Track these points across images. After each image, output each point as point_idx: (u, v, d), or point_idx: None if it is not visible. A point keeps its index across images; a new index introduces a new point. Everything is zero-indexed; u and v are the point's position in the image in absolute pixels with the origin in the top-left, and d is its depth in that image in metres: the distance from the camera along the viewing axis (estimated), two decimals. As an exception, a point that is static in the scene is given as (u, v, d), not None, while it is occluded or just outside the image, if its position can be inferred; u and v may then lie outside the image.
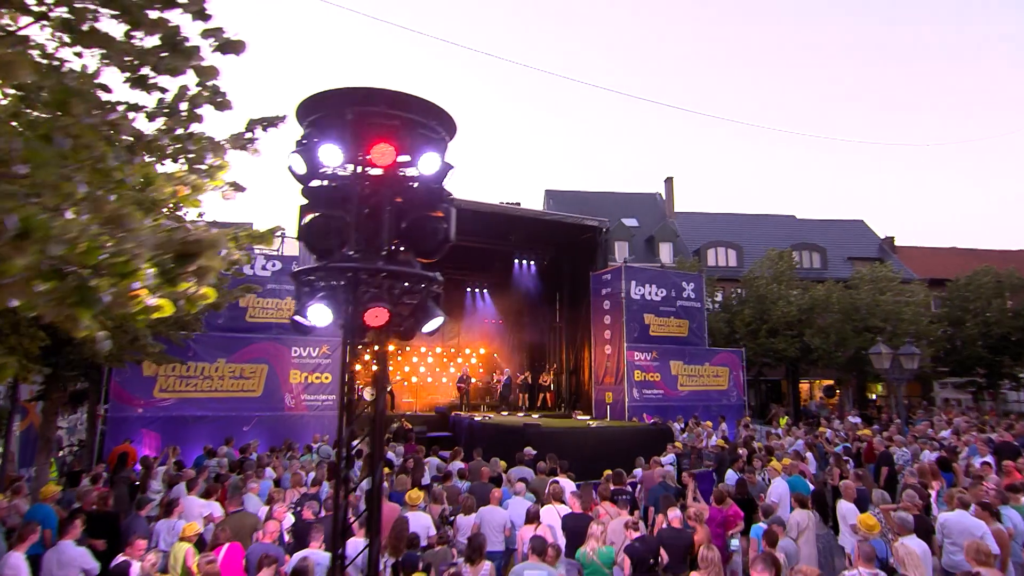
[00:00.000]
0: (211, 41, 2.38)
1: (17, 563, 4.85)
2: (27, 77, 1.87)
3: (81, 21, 2.06)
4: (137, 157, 2.13)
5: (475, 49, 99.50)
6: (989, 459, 9.48)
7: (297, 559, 5.31)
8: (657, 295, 18.90)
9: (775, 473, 8.35)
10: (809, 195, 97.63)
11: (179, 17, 2.35)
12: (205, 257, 1.81)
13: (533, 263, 21.10)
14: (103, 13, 2.08)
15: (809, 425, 19.74)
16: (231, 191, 3.19)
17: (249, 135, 3.21)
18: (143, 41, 2.28)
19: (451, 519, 7.54)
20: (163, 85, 2.47)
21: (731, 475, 9.43)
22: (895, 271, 28.83)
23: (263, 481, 8.02)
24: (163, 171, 2.42)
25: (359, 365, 16.58)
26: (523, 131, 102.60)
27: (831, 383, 32.41)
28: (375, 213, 3.82)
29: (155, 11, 2.25)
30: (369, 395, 15.30)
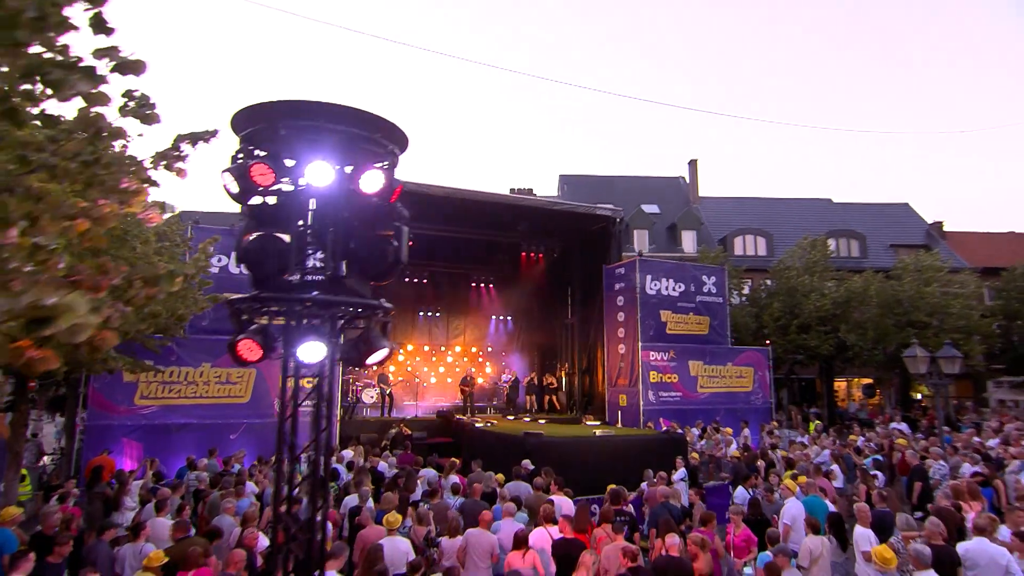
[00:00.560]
0: (106, 61, 2.30)
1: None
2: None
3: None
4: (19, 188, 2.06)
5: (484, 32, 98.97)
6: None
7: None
8: (675, 290, 18.68)
9: (788, 492, 8.18)
10: (848, 176, 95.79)
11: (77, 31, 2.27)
12: (63, 319, 1.75)
13: (542, 256, 20.96)
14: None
15: (841, 431, 19.45)
16: (155, 213, 3.12)
17: (176, 153, 3.13)
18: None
19: (437, 541, 7.52)
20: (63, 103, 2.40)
21: (740, 493, 9.27)
22: (943, 259, 28.09)
23: (241, 500, 8.06)
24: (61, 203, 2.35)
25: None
26: (536, 113, 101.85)
27: (870, 382, 31.89)
28: (319, 234, 3.75)
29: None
30: (368, 397, 15.46)
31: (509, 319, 23.87)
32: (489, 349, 23.53)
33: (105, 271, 2.23)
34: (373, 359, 4.16)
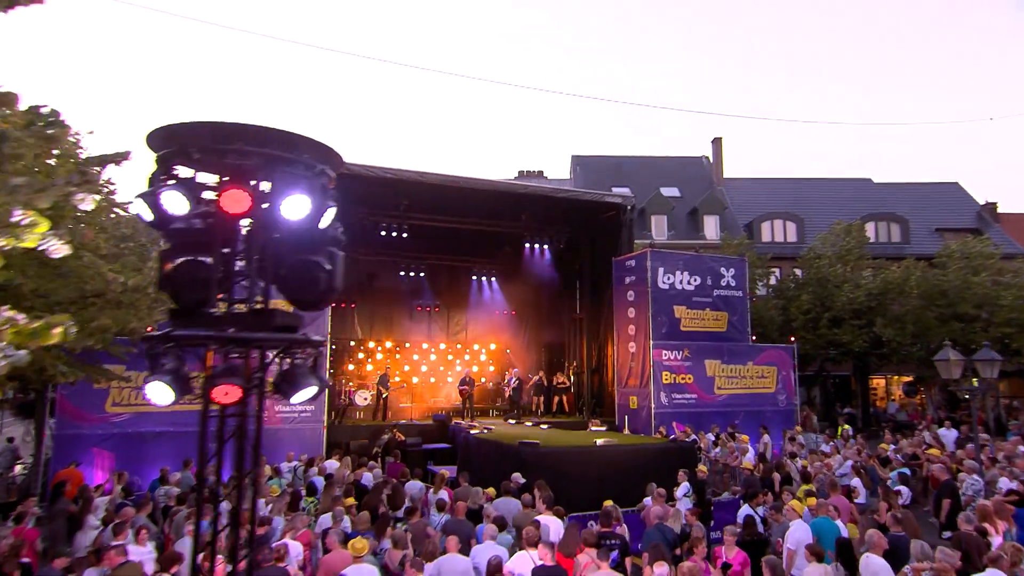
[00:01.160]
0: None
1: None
2: None
3: None
4: None
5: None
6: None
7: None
8: (690, 283, 18.54)
9: (793, 514, 8.12)
10: (891, 153, 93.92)
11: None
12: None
13: (547, 247, 20.89)
14: None
15: (872, 436, 19.25)
16: (57, 247, 3.13)
17: (82, 176, 3.13)
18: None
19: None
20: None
21: (744, 512, 9.21)
22: (995, 244, 27.42)
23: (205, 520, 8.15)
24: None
25: (351, 364, 16.77)
26: (548, 88, 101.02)
27: (911, 380, 31.45)
28: (245, 261, 3.76)
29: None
30: (361, 399, 15.52)
31: (514, 314, 23.88)
32: (492, 346, 23.57)
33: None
34: (297, 398, 4.17)
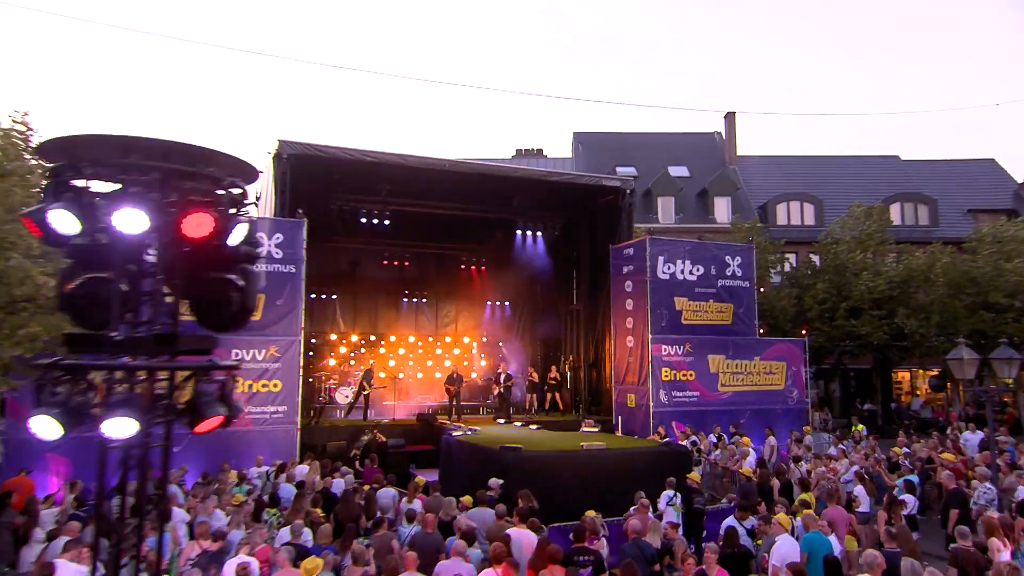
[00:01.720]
0: None
1: None
2: None
3: None
4: None
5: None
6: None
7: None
8: (692, 273, 18.49)
9: (780, 528, 8.16)
10: (922, 128, 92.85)
11: None
12: None
13: (541, 234, 20.88)
14: None
15: (892, 435, 19.21)
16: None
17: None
18: None
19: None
20: None
21: (728, 524, 9.26)
22: (1031, 227, 27.07)
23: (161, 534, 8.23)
24: None
25: (332, 359, 16.87)
26: (548, 60, 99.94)
27: (937, 373, 31.35)
28: (149, 281, 3.77)
29: None
30: (342, 397, 15.69)
31: (507, 305, 23.92)
32: (484, 339, 23.65)
33: None
34: (202, 428, 4.20)
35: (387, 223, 19.00)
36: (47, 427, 3.84)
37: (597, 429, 16.58)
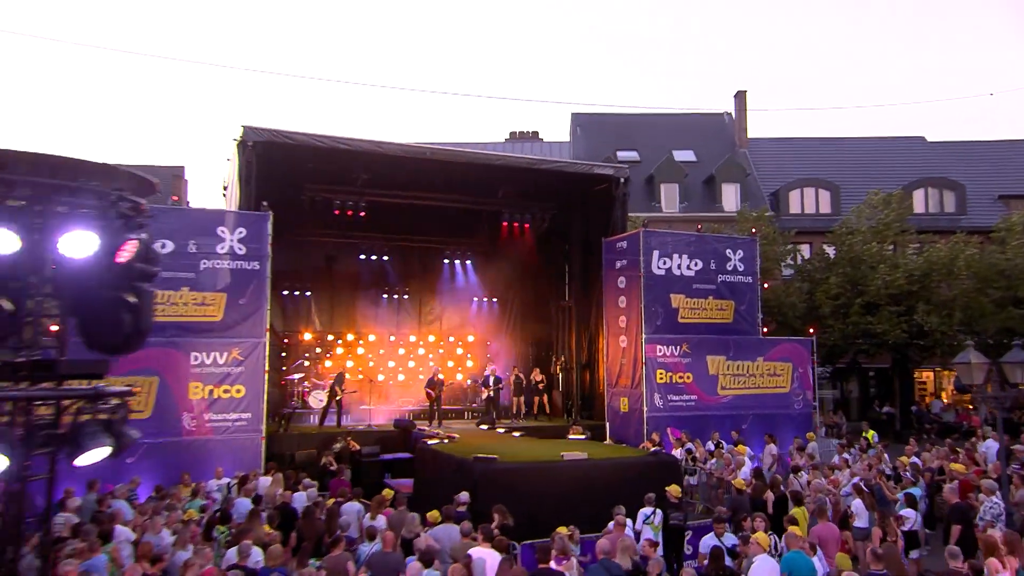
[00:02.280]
0: None
1: None
2: None
3: None
4: None
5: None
6: None
7: None
8: (690, 268, 18.45)
9: (757, 547, 8.16)
10: (950, 109, 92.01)
11: None
12: None
13: (528, 225, 20.84)
14: None
15: (897, 442, 19.14)
16: None
17: None
18: None
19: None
20: None
21: (707, 542, 9.29)
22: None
23: (95, 557, 8.24)
24: None
25: (307, 360, 16.90)
26: (544, 38, 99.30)
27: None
28: (31, 302, 3.78)
29: None
30: (316, 401, 15.71)
31: (495, 302, 23.93)
32: (471, 339, 23.68)
33: None
34: (81, 462, 4.20)
35: (363, 215, 18.97)
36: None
37: (584, 437, 16.60)
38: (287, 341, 21.59)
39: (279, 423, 17.28)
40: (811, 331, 21.05)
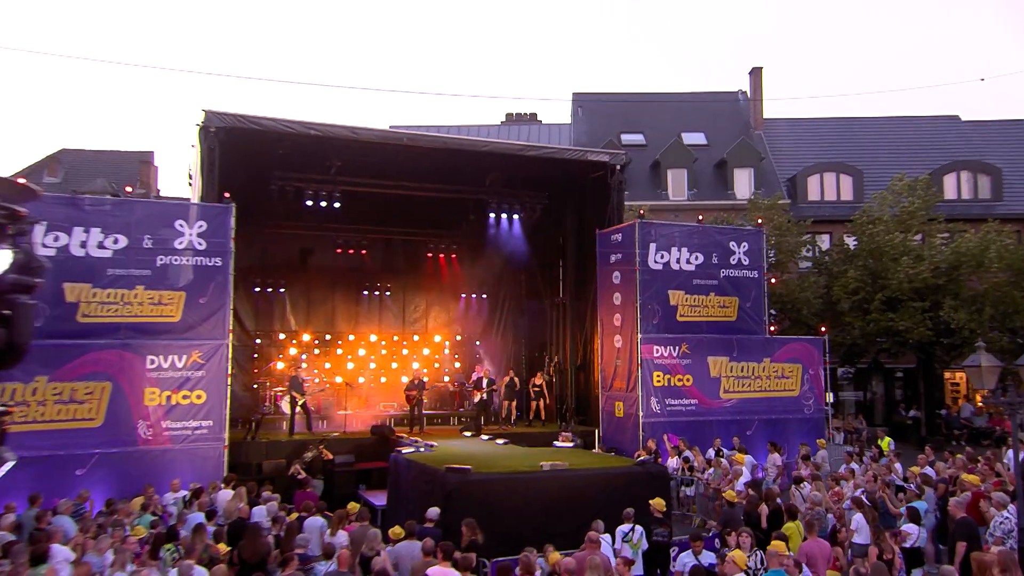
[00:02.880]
0: None
1: None
2: None
3: None
4: None
5: None
6: None
7: None
8: (690, 262, 18.45)
9: (734, 567, 8.19)
10: (988, 86, 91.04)
11: None
12: None
13: (516, 216, 20.86)
14: None
15: (936, 446, 18.88)
16: None
17: None
18: None
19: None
20: None
21: (684, 559, 9.33)
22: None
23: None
24: None
25: (281, 362, 16.97)
26: (546, 10, 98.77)
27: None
28: None
29: None
30: (287, 405, 15.74)
31: (484, 298, 23.98)
32: (458, 338, 23.75)
33: None
34: None
35: (337, 206, 19.01)
36: None
37: (572, 444, 16.65)
38: (259, 341, 21.71)
39: (247, 430, 17.38)
40: (823, 330, 21.00)
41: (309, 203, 18.81)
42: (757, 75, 36.25)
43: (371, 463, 17.08)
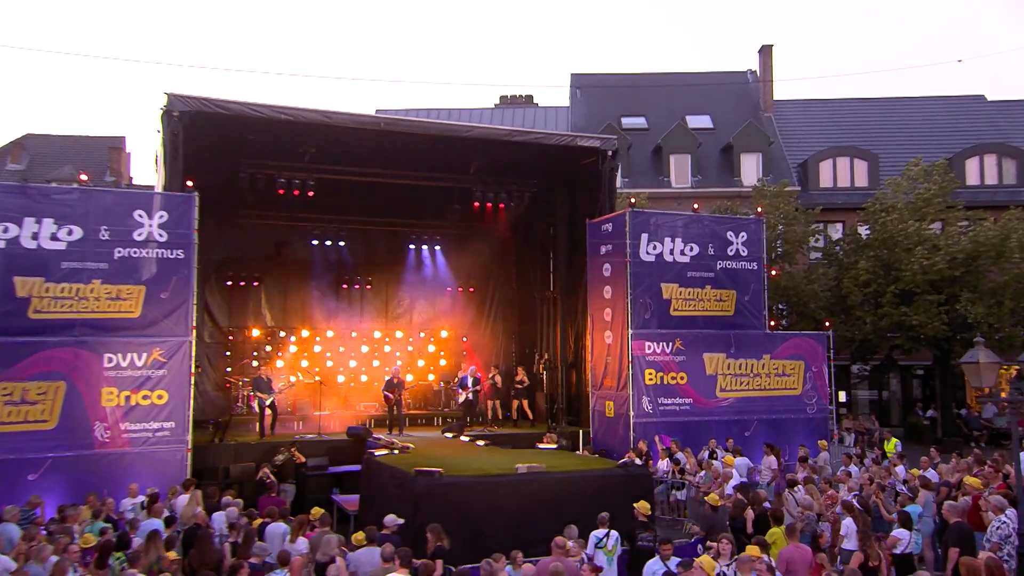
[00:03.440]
0: None
1: None
2: None
3: None
4: None
5: None
6: None
7: None
8: (684, 253, 18.39)
9: (701, 574, 8.22)
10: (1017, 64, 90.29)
11: None
12: None
13: (503, 205, 20.86)
14: None
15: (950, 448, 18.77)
16: None
17: None
18: None
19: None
20: None
21: (651, 567, 9.35)
22: None
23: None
24: None
25: (256, 361, 17.04)
26: None
27: (1019, 370, 30.89)
28: None
29: None
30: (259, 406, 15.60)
31: (472, 292, 24.01)
32: (444, 334, 23.79)
33: None
34: None
35: (311, 194, 19.05)
36: None
37: (556, 446, 16.67)
38: (232, 338, 21.80)
39: (214, 432, 17.45)
40: (827, 324, 20.97)
41: (281, 192, 18.85)
42: (767, 54, 36.17)
43: (346, 466, 17.10)
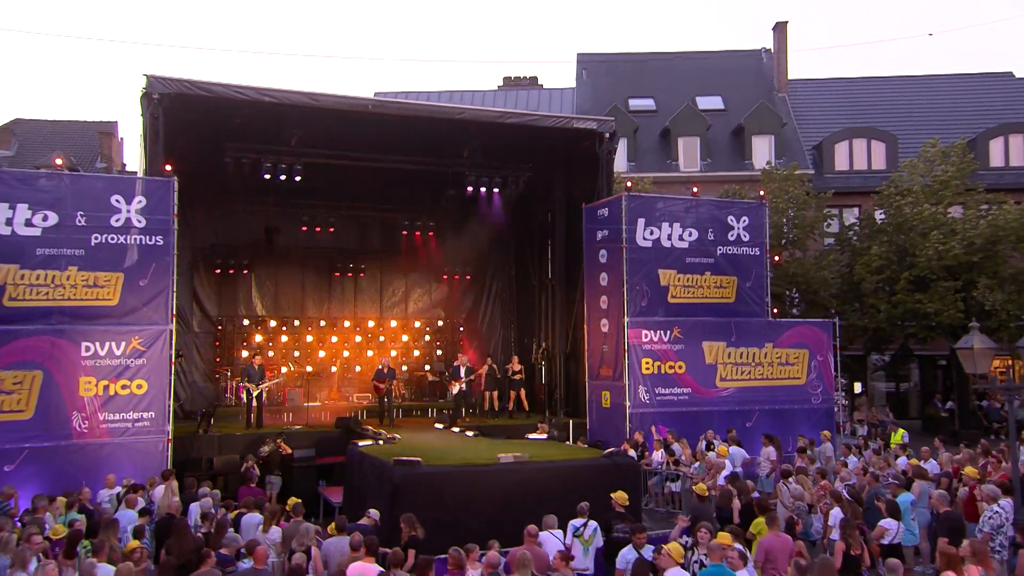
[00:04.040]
0: None
1: None
2: None
3: None
4: None
5: None
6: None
7: None
8: (683, 238, 18.44)
9: (669, 560, 8.32)
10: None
11: None
12: None
13: (497, 190, 20.92)
14: None
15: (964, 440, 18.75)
16: None
17: None
18: None
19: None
20: None
21: (625, 555, 9.44)
22: None
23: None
24: None
25: (245, 351, 17.33)
26: None
27: (1044, 359, 30.73)
28: None
29: None
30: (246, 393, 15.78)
31: (468, 280, 24.13)
32: (440, 323, 23.94)
33: None
34: None
35: (299, 179, 19.15)
36: None
37: (546, 437, 16.78)
38: (221, 328, 22.03)
39: (199, 423, 17.68)
40: (833, 312, 20.95)
41: (267, 176, 18.97)
42: (781, 31, 35.93)
43: (334, 458, 17.24)
